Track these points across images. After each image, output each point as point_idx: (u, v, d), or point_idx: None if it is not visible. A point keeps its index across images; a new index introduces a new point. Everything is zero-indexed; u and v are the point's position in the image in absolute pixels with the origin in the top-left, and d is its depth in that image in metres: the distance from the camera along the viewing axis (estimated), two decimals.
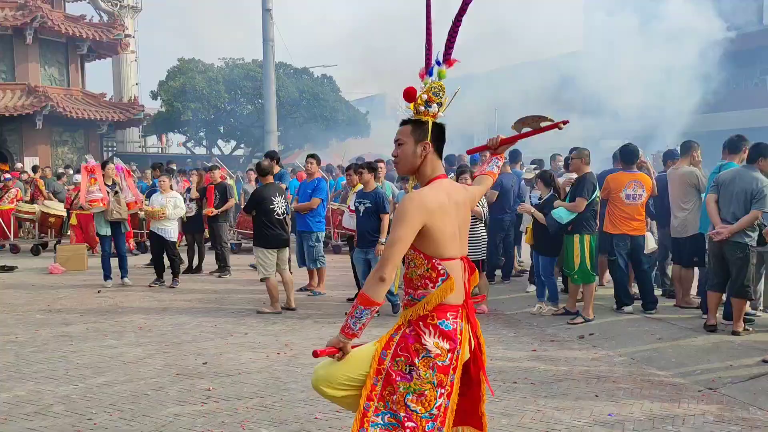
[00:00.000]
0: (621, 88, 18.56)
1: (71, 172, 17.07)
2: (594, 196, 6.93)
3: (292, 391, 4.97)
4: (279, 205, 7.83)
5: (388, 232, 6.96)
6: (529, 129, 3.21)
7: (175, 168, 13.77)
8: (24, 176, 15.93)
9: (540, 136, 3.27)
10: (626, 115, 19.71)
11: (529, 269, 9.11)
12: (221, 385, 5.10)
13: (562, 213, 6.91)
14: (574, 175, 7.26)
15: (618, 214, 7.09)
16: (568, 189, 7.34)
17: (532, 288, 8.46)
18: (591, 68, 19.65)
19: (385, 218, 7.29)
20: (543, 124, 3.15)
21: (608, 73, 18.95)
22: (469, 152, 3.83)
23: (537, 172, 8.58)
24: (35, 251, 13.54)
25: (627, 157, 7.24)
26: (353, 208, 8.28)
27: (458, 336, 2.79)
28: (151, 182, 12.39)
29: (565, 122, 3.07)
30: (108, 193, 9.75)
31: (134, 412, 4.54)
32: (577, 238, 6.93)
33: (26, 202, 14.09)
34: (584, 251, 6.92)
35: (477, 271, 3.03)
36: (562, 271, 7.70)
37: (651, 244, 7.25)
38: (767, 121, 21.98)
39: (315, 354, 2.77)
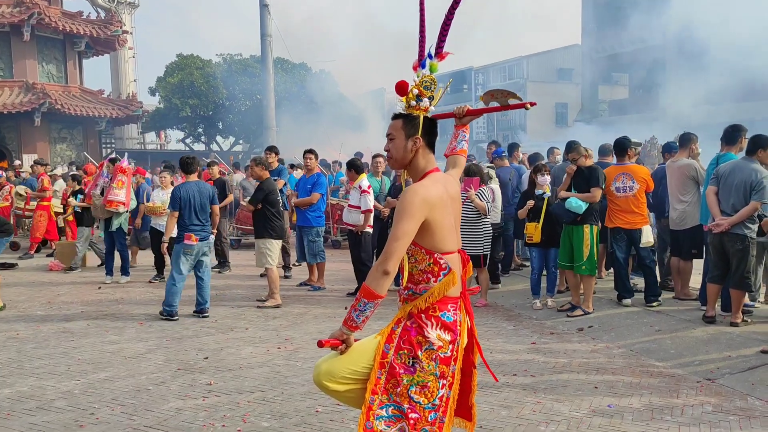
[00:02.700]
0: None
1: (74, 169, 17.03)
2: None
3: (293, 384, 4.99)
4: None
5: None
6: (496, 103, 3.14)
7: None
8: (24, 174, 15.88)
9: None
10: None
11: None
12: (222, 380, 5.13)
13: (581, 203, 6.82)
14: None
15: (612, 208, 7.09)
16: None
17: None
18: None
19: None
20: (511, 101, 3.08)
21: None
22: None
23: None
24: (35, 248, 13.53)
25: (617, 149, 7.22)
26: (352, 203, 8.32)
27: (458, 327, 2.81)
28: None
29: (532, 104, 3.03)
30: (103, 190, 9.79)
31: (136, 407, 4.56)
32: (587, 228, 6.91)
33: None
34: (593, 242, 6.93)
35: (470, 262, 3.03)
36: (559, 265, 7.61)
37: (646, 237, 7.15)
38: None
39: (320, 344, 2.77)
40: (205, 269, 7.49)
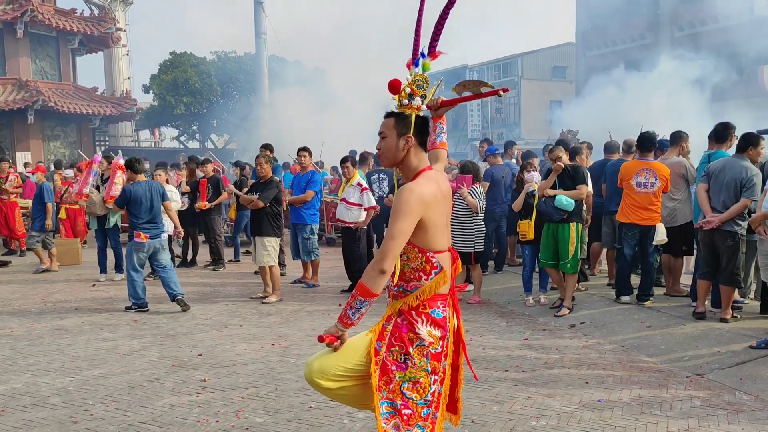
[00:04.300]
0: None
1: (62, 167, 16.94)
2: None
3: (286, 381, 5.02)
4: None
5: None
6: (469, 93, 3.13)
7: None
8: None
9: None
10: None
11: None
12: (216, 376, 5.16)
13: (570, 200, 6.83)
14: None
15: (629, 203, 6.97)
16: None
17: None
18: None
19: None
20: (483, 90, 3.08)
21: None
22: None
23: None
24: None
25: (643, 144, 7.10)
26: (351, 200, 8.35)
27: (447, 323, 2.85)
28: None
29: (505, 90, 3.02)
30: (97, 187, 9.80)
31: (130, 403, 4.59)
32: (573, 226, 6.93)
33: None
34: (578, 240, 6.97)
35: (466, 259, 3.07)
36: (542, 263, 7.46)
37: (659, 235, 7.10)
38: None
39: (320, 338, 2.81)
40: (164, 267, 7.65)
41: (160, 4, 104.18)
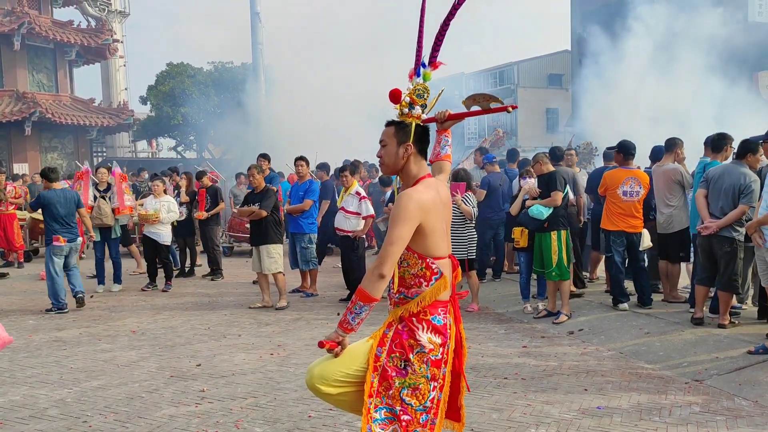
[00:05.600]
0: None
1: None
2: (565, 191, 7.02)
3: (285, 390, 5.02)
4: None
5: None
6: (478, 107, 3.11)
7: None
8: (18, 182, 15.75)
9: None
10: None
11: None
12: (215, 386, 5.15)
13: (542, 209, 6.89)
14: (532, 181, 7.32)
15: (615, 211, 7.08)
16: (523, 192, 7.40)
17: None
18: None
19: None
20: (492, 105, 3.07)
21: None
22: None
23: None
24: (26, 257, 13.49)
25: (625, 152, 7.19)
26: (349, 209, 8.37)
27: (448, 330, 2.86)
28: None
29: (513, 107, 3.05)
30: (96, 197, 9.79)
31: (129, 414, 4.58)
32: (554, 234, 6.94)
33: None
34: (561, 247, 6.95)
35: (460, 267, 3.08)
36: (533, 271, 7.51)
37: (646, 241, 7.18)
38: None
39: (320, 344, 2.82)
40: (72, 268, 8.42)
41: (157, 15, 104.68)
